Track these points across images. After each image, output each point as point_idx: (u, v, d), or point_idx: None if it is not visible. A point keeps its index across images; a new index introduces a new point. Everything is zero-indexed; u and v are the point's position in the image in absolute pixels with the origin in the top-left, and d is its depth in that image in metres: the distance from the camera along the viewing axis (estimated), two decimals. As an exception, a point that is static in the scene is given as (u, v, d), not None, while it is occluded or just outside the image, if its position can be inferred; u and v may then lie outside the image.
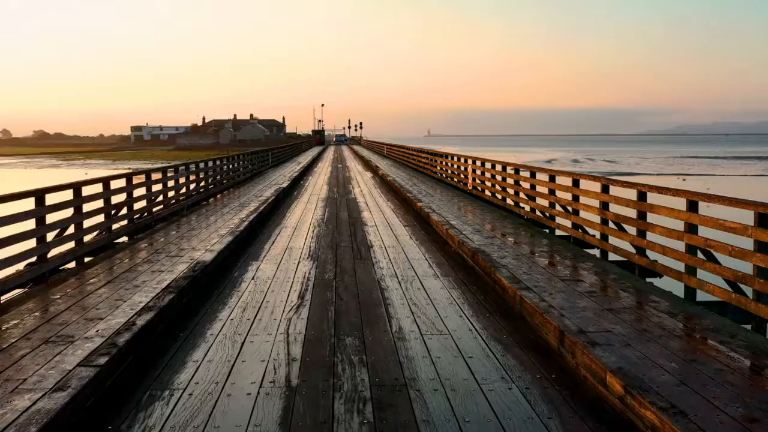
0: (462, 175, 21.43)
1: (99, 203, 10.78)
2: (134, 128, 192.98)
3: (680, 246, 7.77)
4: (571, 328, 5.93)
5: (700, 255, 7.49)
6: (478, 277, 9.07)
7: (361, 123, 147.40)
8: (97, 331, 6.16)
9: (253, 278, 8.96)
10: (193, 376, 5.31)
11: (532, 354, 5.89)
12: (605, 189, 10.11)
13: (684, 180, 51.99)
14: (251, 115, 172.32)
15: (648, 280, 8.71)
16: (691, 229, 7.57)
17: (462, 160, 21.84)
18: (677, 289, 7.90)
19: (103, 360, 5.14)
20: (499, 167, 16.61)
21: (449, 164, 24.15)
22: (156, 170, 14.48)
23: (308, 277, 9.00)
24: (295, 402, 4.78)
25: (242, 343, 6.13)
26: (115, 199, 11.53)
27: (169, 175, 15.18)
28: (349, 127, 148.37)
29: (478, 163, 19.14)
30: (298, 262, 10.00)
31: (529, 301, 6.88)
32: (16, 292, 8.17)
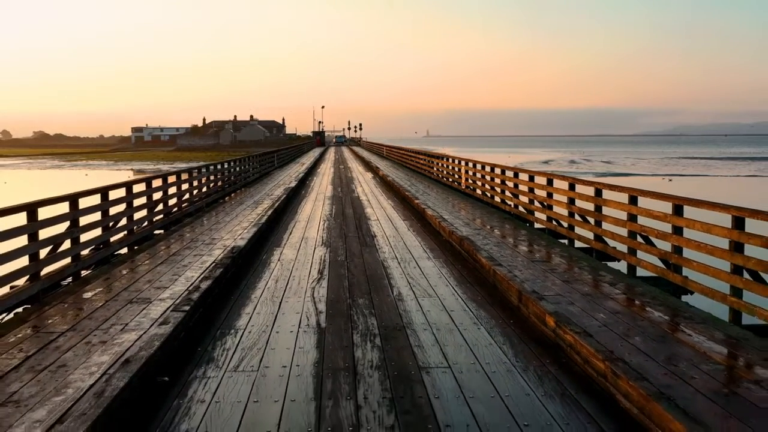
0: (456, 176, 23.35)
1: (142, 200, 12.70)
2: (135, 129, 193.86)
3: (625, 232, 9.71)
4: (527, 289, 7.87)
5: (639, 239, 9.42)
6: (464, 259, 11.00)
7: (360, 124, 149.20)
8: (168, 295, 8.07)
9: (279, 260, 10.91)
10: (248, 322, 7.26)
11: (498, 309, 7.84)
12: (572, 187, 12.03)
13: (670, 180, 53.88)
14: (251, 116, 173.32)
15: (604, 262, 10.61)
16: (632, 218, 9.51)
17: (456, 161, 23.78)
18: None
19: (186, 308, 7.08)
20: (488, 168, 18.54)
21: (445, 165, 26.09)
22: (184, 171, 16.40)
23: (324, 259, 10.94)
24: (325, 336, 6.73)
25: (280, 303, 8.08)
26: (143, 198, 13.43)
27: (194, 175, 17.11)
28: (349, 129, 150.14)
29: (470, 164, 21.07)
30: (314, 248, 11.94)
31: (500, 273, 8.83)
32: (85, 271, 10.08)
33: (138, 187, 12.44)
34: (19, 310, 7.83)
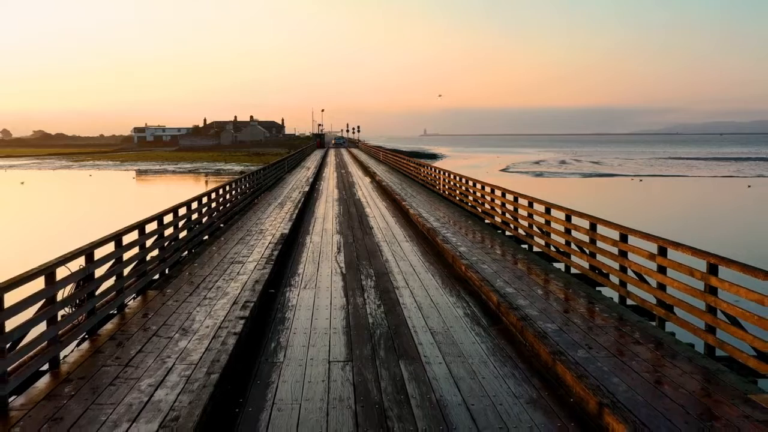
0: (437, 182, 29.31)
1: (213, 204, 18.65)
2: (137, 129, 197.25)
3: (528, 224, 15.70)
4: (458, 254, 13.89)
5: (535, 229, 15.38)
6: (429, 242, 17.01)
7: (358, 127, 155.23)
8: (252, 259, 14.02)
9: (310, 242, 16.94)
10: (303, 270, 13.33)
11: (441, 266, 13.88)
12: (503, 194, 18.02)
13: (641, 181, 59.88)
14: (251, 117, 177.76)
15: (522, 245, 16.56)
16: (530, 215, 15.51)
17: (436, 170, 29.77)
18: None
19: (272, 262, 13.11)
20: (457, 177, 24.51)
21: (429, 173, 32.07)
22: (233, 182, 22.40)
23: (340, 241, 16.96)
24: (345, 277, 12.79)
25: (318, 263, 14.13)
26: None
27: (238, 183, 23.09)
28: (348, 131, 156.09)
29: (446, 173, 27.05)
30: (332, 235, 17.97)
31: (446, 247, 14.86)
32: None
33: (212, 194, 18.42)
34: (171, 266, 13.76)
